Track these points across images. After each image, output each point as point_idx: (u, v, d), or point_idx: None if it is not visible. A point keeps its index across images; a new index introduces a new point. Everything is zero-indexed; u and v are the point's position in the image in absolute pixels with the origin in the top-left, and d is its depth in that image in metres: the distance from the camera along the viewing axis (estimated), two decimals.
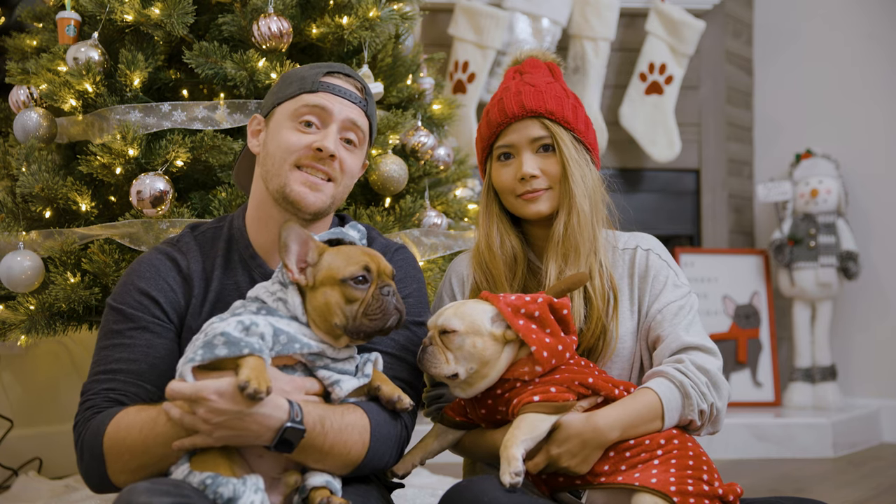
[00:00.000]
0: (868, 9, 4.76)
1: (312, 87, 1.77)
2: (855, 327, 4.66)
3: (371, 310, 1.59)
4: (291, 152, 1.74)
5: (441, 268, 2.65)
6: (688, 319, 1.83)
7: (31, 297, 2.39)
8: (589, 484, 1.67)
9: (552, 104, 1.88)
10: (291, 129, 1.76)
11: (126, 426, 1.56)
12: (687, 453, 1.66)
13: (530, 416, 1.64)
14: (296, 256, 1.60)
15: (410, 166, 2.72)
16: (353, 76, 1.84)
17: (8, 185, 2.60)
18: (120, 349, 1.69)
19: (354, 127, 1.79)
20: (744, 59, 5.00)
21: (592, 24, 4.34)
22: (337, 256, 1.61)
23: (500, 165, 1.93)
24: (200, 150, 2.42)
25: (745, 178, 4.99)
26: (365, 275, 1.60)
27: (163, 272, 1.76)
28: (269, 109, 1.82)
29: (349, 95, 1.79)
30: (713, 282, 4.64)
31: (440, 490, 1.73)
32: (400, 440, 1.72)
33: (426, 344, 1.71)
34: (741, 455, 3.91)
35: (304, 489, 1.56)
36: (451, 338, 1.68)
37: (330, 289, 1.58)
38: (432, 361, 1.69)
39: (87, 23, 2.57)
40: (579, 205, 1.86)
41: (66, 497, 2.81)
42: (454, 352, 1.68)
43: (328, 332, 1.59)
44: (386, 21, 2.66)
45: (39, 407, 3.40)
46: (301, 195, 1.74)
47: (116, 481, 1.59)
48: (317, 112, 1.76)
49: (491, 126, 1.92)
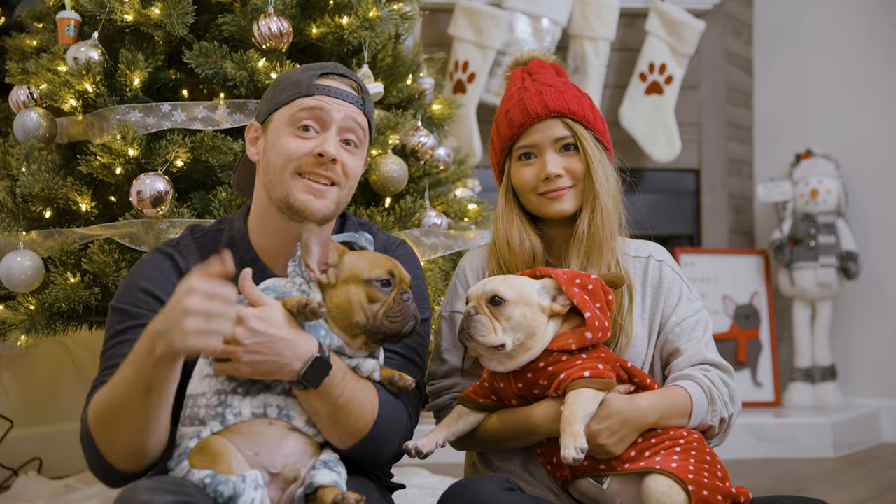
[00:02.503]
0: (868, 9, 4.76)
1: (308, 90, 1.74)
2: (855, 327, 4.66)
3: (392, 312, 1.62)
4: (292, 160, 1.72)
5: (441, 268, 2.65)
6: (707, 337, 1.86)
7: (31, 297, 2.39)
8: (613, 469, 1.66)
9: (574, 104, 1.89)
10: (290, 135, 1.73)
11: (99, 395, 1.55)
12: (705, 449, 1.68)
13: (585, 392, 1.62)
14: (317, 258, 1.63)
15: (410, 166, 2.72)
16: (348, 76, 1.81)
17: (8, 185, 2.60)
18: (125, 346, 1.68)
19: (353, 128, 1.77)
20: (744, 59, 5.00)
21: (592, 24, 4.34)
22: (360, 258, 1.66)
23: (521, 165, 1.92)
24: (200, 151, 2.42)
25: (745, 178, 4.99)
26: (389, 278, 1.64)
27: (165, 272, 1.76)
28: (265, 116, 1.80)
29: (346, 96, 1.77)
30: (713, 282, 4.64)
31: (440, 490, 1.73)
32: (404, 430, 1.73)
33: (471, 313, 1.68)
34: (741, 455, 3.91)
35: (310, 486, 1.55)
36: (501, 307, 1.66)
37: (354, 286, 1.62)
38: (480, 330, 1.65)
39: (87, 23, 2.57)
40: (603, 203, 1.87)
41: (66, 497, 2.81)
42: (502, 322, 1.66)
43: (346, 329, 1.62)
44: (386, 21, 2.65)
45: (39, 407, 3.41)
46: (306, 203, 1.72)
47: (115, 462, 1.56)
48: (314, 116, 1.73)
49: (513, 126, 1.92)
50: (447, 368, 1.93)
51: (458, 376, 1.91)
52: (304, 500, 1.55)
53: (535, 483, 1.80)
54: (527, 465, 1.83)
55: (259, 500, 1.44)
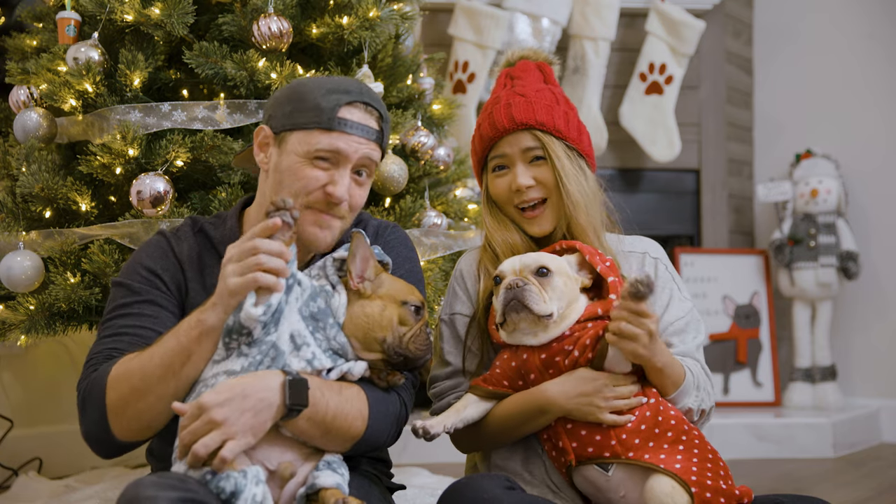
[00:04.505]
0: (868, 8, 4.76)
1: (329, 123, 1.70)
2: (855, 327, 4.65)
3: (418, 340, 1.67)
4: (304, 193, 1.71)
5: (441, 268, 2.65)
6: (698, 340, 1.90)
7: (31, 297, 2.40)
8: (617, 457, 1.67)
9: (542, 115, 1.90)
10: (304, 164, 1.72)
11: (130, 363, 1.60)
12: (706, 447, 1.69)
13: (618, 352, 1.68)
14: (358, 269, 1.67)
15: (410, 166, 2.72)
16: (371, 104, 1.76)
17: (8, 185, 2.61)
18: (127, 318, 1.71)
19: (368, 164, 1.78)
20: (744, 59, 5.00)
21: (592, 24, 4.34)
22: (397, 282, 1.72)
23: (496, 177, 1.96)
24: (200, 151, 2.42)
25: (745, 178, 4.99)
26: (420, 307, 1.70)
27: (166, 252, 1.80)
28: (280, 129, 1.75)
29: (366, 132, 1.74)
30: (713, 282, 4.64)
31: (440, 490, 1.73)
32: (398, 417, 1.74)
33: (519, 284, 1.71)
34: (741, 455, 3.91)
35: (312, 486, 1.55)
36: (548, 277, 1.72)
37: (391, 304, 1.67)
38: (534, 298, 1.70)
39: (87, 23, 2.57)
40: (576, 214, 1.89)
41: (66, 497, 2.81)
42: (549, 291, 1.71)
43: (364, 341, 1.65)
44: (386, 21, 2.65)
45: (39, 407, 3.41)
46: (313, 236, 1.74)
47: (118, 431, 1.60)
48: (331, 155, 1.72)
49: (483, 140, 1.96)
50: (450, 370, 1.93)
51: (460, 377, 1.92)
52: (305, 500, 1.55)
53: (534, 482, 1.81)
54: (526, 464, 1.83)
55: (261, 495, 1.45)
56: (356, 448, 1.67)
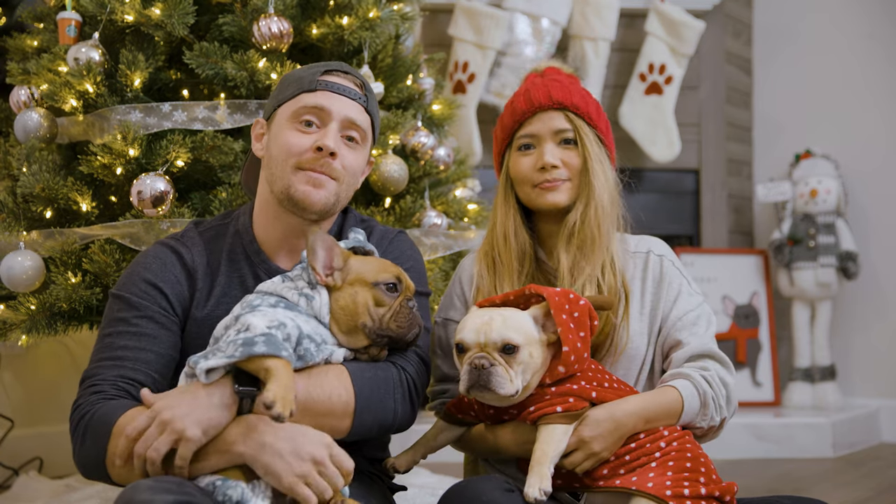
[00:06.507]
0: (868, 9, 4.76)
1: (310, 86, 1.77)
2: (854, 327, 4.66)
3: (399, 317, 1.64)
4: (293, 154, 1.74)
5: (441, 268, 2.65)
6: (710, 332, 1.85)
7: (32, 297, 2.40)
8: (587, 487, 1.67)
9: (577, 99, 1.91)
10: (292, 129, 1.76)
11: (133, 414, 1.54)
12: (685, 455, 1.66)
13: (556, 430, 1.63)
14: (323, 261, 1.64)
15: (410, 166, 2.72)
16: (351, 73, 1.84)
17: (9, 185, 2.61)
18: (125, 336, 1.69)
19: (355, 125, 1.79)
20: (744, 60, 5.00)
21: (592, 24, 4.35)
22: (367, 263, 1.68)
23: (520, 155, 1.93)
24: (201, 151, 2.42)
25: (745, 178, 4.99)
26: (396, 283, 1.66)
27: (168, 265, 1.77)
28: (270, 112, 1.83)
29: (348, 92, 1.79)
30: (713, 282, 4.64)
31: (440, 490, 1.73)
32: (399, 381, 1.69)
33: (484, 365, 1.61)
34: (741, 455, 3.91)
35: None
36: (515, 354, 1.62)
37: (360, 289, 1.64)
38: (501, 383, 1.61)
39: (88, 23, 2.58)
40: (598, 197, 1.87)
41: (66, 497, 2.81)
42: (515, 367, 1.62)
43: (350, 332, 1.63)
44: (386, 21, 2.66)
45: (40, 407, 3.41)
46: (305, 194, 1.74)
47: (115, 476, 1.58)
48: (316, 112, 1.75)
49: (515, 114, 1.93)
50: (440, 375, 1.95)
51: (450, 382, 1.92)
52: None
53: None
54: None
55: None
56: (363, 420, 1.63)
